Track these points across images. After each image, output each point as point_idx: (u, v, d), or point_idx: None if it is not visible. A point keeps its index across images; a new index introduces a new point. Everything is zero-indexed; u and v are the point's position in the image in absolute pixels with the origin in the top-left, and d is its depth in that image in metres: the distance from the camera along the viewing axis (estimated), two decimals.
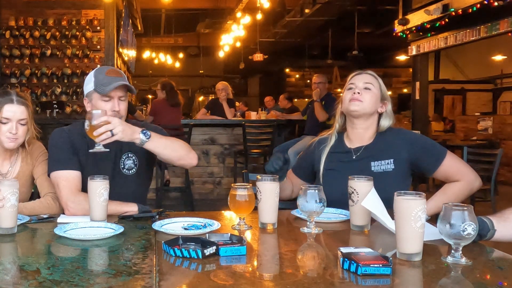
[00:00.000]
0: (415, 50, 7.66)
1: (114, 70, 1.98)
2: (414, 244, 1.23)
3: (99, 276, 1.14)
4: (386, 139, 1.94)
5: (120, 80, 1.90)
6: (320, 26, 10.12)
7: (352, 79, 1.99)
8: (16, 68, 6.43)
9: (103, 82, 1.89)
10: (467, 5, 6.09)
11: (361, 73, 1.99)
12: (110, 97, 1.90)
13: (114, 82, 1.88)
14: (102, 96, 1.90)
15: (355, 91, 1.93)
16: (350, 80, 1.99)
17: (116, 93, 1.91)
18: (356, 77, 1.98)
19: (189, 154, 1.92)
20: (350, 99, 1.93)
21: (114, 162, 1.97)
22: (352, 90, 1.95)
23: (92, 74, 1.96)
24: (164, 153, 1.85)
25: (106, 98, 1.90)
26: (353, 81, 1.97)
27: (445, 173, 1.86)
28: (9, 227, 1.50)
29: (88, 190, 1.64)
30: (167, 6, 8.96)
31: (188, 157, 1.91)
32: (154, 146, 1.80)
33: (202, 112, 6.79)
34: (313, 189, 1.51)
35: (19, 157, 2.04)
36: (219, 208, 4.68)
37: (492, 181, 3.94)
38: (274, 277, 1.15)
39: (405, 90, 15.26)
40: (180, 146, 1.91)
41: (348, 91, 1.97)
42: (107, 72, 1.94)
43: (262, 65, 12.93)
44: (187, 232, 1.47)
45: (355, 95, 1.92)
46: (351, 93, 1.94)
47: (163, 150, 1.84)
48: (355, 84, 1.95)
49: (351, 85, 1.97)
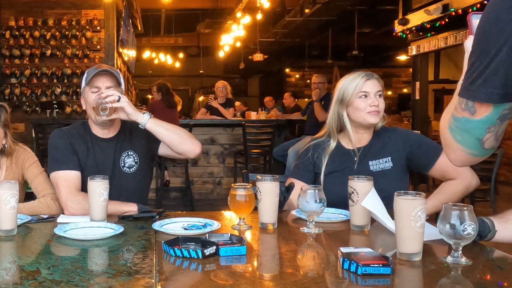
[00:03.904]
0: (415, 50, 7.65)
1: (105, 66, 1.98)
2: (414, 244, 1.23)
3: (99, 276, 1.14)
4: (383, 138, 1.94)
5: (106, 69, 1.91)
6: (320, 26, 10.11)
7: (364, 85, 1.89)
8: (16, 68, 6.42)
9: (89, 74, 1.92)
10: (467, 5, 6.08)
11: (370, 78, 1.91)
12: (98, 87, 1.90)
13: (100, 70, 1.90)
14: (90, 88, 1.92)
15: (374, 102, 1.86)
16: (361, 86, 1.88)
17: (104, 84, 1.91)
18: (367, 84, 1.89)
19: (192, 140, 1.94)
20: (370, 112, 1.86)
21: (114, 160, 1.97)
22: (367, 99, 1.88)
23: (86, 72, 1.98)
24: (166, 134, 1.86)
25: (94, 89, 1.91)
26: (366, 89, 1.88)
27: (441, 170, 1.86)
28: (9, 229, 1.50)
29: (88, 190, 1.64)
30: (167, 6, 8.96)
31: (191, 143, 1.93)
32: (156, 125, 1.83)
33: (202, 112, 6.80)
34: (313, 189, 1.51)
35: (3, 166, 2.04)
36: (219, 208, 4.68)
37: (492, 181, 3.93)
38: (274, 277, 1.15)
39: (405, 90, 15.25)
40: (182, 131, 1.93)
41: (362, 99, 1.88)
42: (97, 67, 1.95)
43: (262, 65, 12.94)
44: (187, 232, 1.47)
45: (374, 108, 1.86)
46: (367, 103, 1.87)
47: (165, 131, 1.85)
48: (369, 93, 1.88)
49: (364, 93, 1.88)
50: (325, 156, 1.96)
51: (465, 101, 0.96)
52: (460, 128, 0.99)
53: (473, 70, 0.93)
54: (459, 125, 0.99)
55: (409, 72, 11.53)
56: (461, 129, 0.99)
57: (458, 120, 0.99)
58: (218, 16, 11.27)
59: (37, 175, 2.02)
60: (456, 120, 1.00)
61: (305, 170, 2.00)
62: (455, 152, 1.03)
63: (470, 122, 0.97)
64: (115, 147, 1.97)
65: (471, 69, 0.94)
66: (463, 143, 1.00)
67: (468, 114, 0.96)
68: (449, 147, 1.04)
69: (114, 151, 1.97)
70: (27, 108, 6.40)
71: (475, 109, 0.95)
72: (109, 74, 1.92)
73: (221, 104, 6.51)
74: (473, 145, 0.99)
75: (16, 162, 2.04)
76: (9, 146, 2.02)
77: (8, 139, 2.01)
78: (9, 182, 1.52)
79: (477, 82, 0.92)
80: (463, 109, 0.97)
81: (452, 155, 1.05)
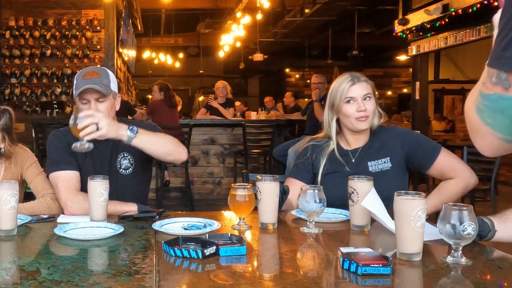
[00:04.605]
0: (415, 50, 7.65)
1: (90, 72, 1.91)
2: (414, 244, 1.23)
3: (99, 276, 1.14)
4: (381, 138, 1.93)
5: (91, 82, 1.85)
6: (320, 26, 10.12)
7: (349, 91, 1.87)
8: (16, 68, 6.43)
9: (78, 86, 1.88)
10: (467, 5, 6.08)
11: (355, 82, 1.88)
12: (86, 99, 1.88)
13: (85, 85, 1.85)
14: (80, 99, 1.89)
15: (361, 107, 1.84)
16: (346, 92, 1.87)
17: (92, 96, 1.87)
18: (352, 89, 1.87)
19: (178, 149, 1.89)
20: (357, 118, 1.85)
21: (110, 162, 1.97)
22: (353, 104, 1.86)
23: (75, 77, 1.95)
24: (152, 149, 1.82)
25: (84, 100, 1.89)
26: (352, 94, 1.86)
27: (440, 170, 1.85)
28: (9, 229, 1.50)
29: (88, 190, 1.64)
30: (167, 6, 8.97)
31: (177, 152, 1.88)
32: (142, 142, 1.77)
33: (202, 112, 6.80)
34: (313, 189, 1.51)
35: (2, 166, 2.04)
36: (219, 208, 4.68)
37: (492, 181, 3.93)
38: (274, 277, 1.15)
39: (405, 90, 15.25)
40: (169, 141, 1.87)
41: (349, 105, 1.87)
42: (84, 75, 1.90)
43: (262, 65, 12.94)
44: (187, 232, 1.47)
45: (361, 113, 1.85)
46: (353, 109, 1.86)
47: (151, 146, 1.81)
48: (355, 98, 1.86)
49: (350, 98, 1.86)
50: (324, 157, 1.95)
51: (496, 72, 0.78)
52: (491, 108, 0.80)
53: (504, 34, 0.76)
54: (490, 104, 0.80)
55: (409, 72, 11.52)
56: (492, 108, 0.80)
57: (488, 97, 0.80)
58: (218, 16, 11.27)
59: (36, 175, 2.02)
60: (485, 98, 0.81)
61: (304, 170, 2.00)
62: (485, 139, 0.84)
63: (504, 100, 0.78)
64: (111, 149, 1.97)
65: (500, 35, 0.77)
66: (495, 127, 0.81)
67: (500, 89, 0.78)
68: (477, 132, 0.85)
69: (110, 152, 1.97)
70: (27, 108, 6.41)
71: (510, 82, 0.77)
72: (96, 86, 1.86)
73: (221, 104, 6.51)
74: (508, 129, 0.80)
75: (15, 163, 2.04)
76: (6, 150, 2.01)
77: (6, 143, 2.01)
78: (9, 182, 1.52)
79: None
80: (494, 83, 0.78)
81: (481, 142, 0.86)
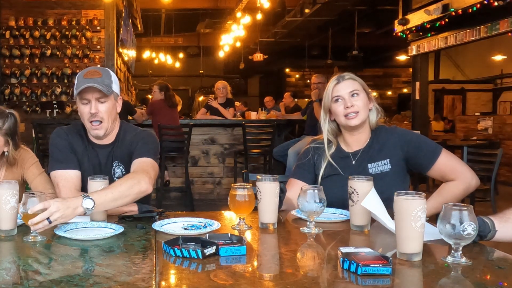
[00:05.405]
0: (415, 50, 7.66)
1: (92, 71, 1.89)
2: (414, 244, 1.23)
3: (99, 276, 1.14)
4: (381, 139, 1.92)
5: (92, 81, 1.83)
6: (320, 26, 10.12)
7: (334, 90, 1.90)
8: (16, 68, 6.42)
9: (78, 85, 1.85)
10: (467, 5, 6.09)
11: (340, 80, 1.91)
12: (87, 99, 1.86)
13: (87, 83, 1.83)
14: (80, 99, 1.87)
15: (347, 104, 1.86)
16: (332, 92, 1.90)
17: (93, 95, 1.85)
18: (337, 88, 1.90)
19: (141, 190, 1.70)
20: (345, 115, 1.86)
21: (107, 168, 1.97)
22: (341, 102, 1.88)
23: (76, 77, 1.93)
24: (117, 204, 1.66)
25: (84, 100, 1.87)
26: (337, 93, 1.89)
27: (440, 171, 1.84)
28: (9, 229, 1.50)
29: (88, 190, 1.64)
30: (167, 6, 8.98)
31: (141, 193, 1.71)
32: (104, 208, 1.63)
33: (201, 112, 6.80)
34: (313, 189, 1.51)
35: (3, 166, 2.04)
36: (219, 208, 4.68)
37: (492, 181, 3.93)
38: (274, 277, 1.15)
39: (405, 90, 15.27)
40: (129, 187, 1.67)
41: (337, 104, 1.89)
42: (85, 74, 1.88)
43: (262, 65, 12.94)
44: (187, 232, 1.47)
45: (348, 110, 1.86)
46: (341, 107, 1.87)
47: (114, 204, 1.65)
48: (342, 96, 1.88)
49: (337, 97, 1.89)
50: (324, 159, 1.95)
51: None
52: None
53: None
54: None
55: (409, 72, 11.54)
56: None
57: None
58: (218, 16, 11.28)
59: (37, 175, 2.02)
60: None
61: (306, 170, 2.00)
62: None
63: None
64: (107, 155, 1.96)
65: None
66: None
67: None
68: None
69: (106, 159, 1.96)
70: (27, 108, 6.41)
71: None
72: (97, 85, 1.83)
73: (221, 104, 6.51)
74: None
75: (17, 163, 2.04)
76: (10, 156, 1.99)
77: (10, 148, 1.98)
78: (9, 182, 1.52)
79: None
80: None
81: None
